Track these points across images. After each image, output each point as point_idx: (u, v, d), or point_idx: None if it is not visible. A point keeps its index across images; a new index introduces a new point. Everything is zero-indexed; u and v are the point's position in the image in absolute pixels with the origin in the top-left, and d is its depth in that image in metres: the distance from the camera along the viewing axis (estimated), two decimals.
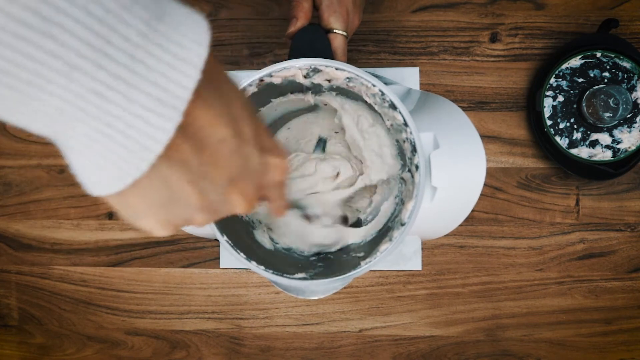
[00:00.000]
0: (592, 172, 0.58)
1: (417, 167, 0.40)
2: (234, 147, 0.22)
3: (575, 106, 0.59)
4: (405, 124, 0.40)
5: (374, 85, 0.40)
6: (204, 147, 0.21)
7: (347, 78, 0.41)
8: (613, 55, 0.57)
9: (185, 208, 0.22)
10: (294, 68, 0.41)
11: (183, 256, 0.66)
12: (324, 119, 0.53)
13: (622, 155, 0.58)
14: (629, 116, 0.58)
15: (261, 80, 0.41)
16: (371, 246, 0.48)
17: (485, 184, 0.60)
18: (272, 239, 0.50)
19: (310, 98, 0.47)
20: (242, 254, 0.41)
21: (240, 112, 0.22)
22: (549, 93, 0.59)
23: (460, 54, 0.63)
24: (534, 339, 0.63)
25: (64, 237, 0.68)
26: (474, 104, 0.62)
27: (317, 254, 0.50)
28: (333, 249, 0.51)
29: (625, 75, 0.58)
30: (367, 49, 0.63)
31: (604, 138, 0.58)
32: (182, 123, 0.19)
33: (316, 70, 0.41)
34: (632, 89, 0.57)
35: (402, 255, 0.63)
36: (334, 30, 0.45)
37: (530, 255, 0.62)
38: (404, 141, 0.42)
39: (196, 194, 0.22)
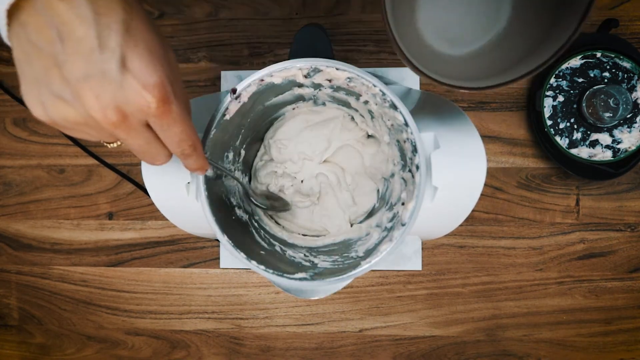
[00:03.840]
0: (592, 172, 0.58)
1: (417, 167, 0.40)
2: (92, 48, 0.24)
3: (575, 106, 0.59)
4: (406, 124, 0.40)
5: (374, 85, 0.40)
6: (65, 38, 0.24)
7: (348, 78, 0.41)
8: (613, 55, 0.57)
9: (49, 89, 0.25)
10: (295, 68, 0.41)
11: (183, 256, 0.66)
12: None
13: (622, 155, 0.58)
14: (629, 116, 0.58)
15: (261, 80, 0.41)
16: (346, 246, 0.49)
17: (485, 184, 0.60)
18: (267, 237, 0.50)
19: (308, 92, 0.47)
20: (242, 253, 0.41)
21: (115, 26, 0.24)
22: (549, 93, 0.59)
23: None
24: (534, 339, 0.63)
25: (64, 237, 0.68)
26: (474, 104, 0.62)
27: (309, 250, 0.50)
28: (320, 243, 0.51)
29: (625, 75, 0.58)
30: (367, 49, 0.63)
31: (604, 138, 0.58)
32: (43, 5, 0.23)
33: (317, 70, 0.41)
34: (632, 89, 0.58)
35: (402, 255, 0.63)
36: None
37: (530, 255, 0.62)
38: (405, 141, 0.42)
39: (57, 76, 0.25)
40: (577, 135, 0.59)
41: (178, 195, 0.43)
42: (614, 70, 0.58)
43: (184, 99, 0.29)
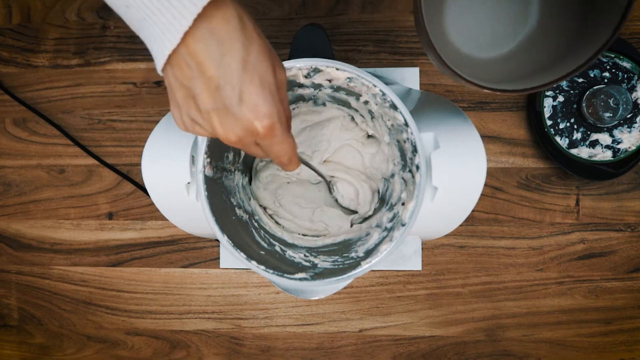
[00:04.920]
0: (592, 172, 0.58)
1: (417, 167, 0.40)
2: (218, 86, 0.30)
3: (575, 106, 0.59)
4: (406, 124, 0.40)
5: (374, 86, 0.40)
6: (201, 75, 0.30)
7: (348, 78, 0.41)
8: (613, 55, 0.57)
9: (188, 114, 0.32)
10: (295, 68, 0.41)
11: (183, 256, 0.66)
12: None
13: (622, 155, 0.58)
14: (629, 116, 0.58)
15: None
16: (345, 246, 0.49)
17: (485, 184, 0.60)
18: (267, 237, 0.50)
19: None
20: (242, 254, 0.41)
21: (236, 65, 0.30)
22: (549, 93, 0.59)
23: None
24: (534, 339, 0.63)
25: (64, 237, 0.68)
26: (474, 104, 0.63)
27: (309, 250, 0.50)
28: (320, 243, 0.51)
29: (625, 75, 0.58)
30: (367, 49, 0.63)
31: (604, 138, 0.58)
32: (186, 50, 0.29)
33: (317, 70, 0.41)
34: (632, 89, 0.58)
35: (402, 255, 0.63)
36: None
37: (530, 255, 0.62)
38: (405, 141, 0.42)
39: (193, 105, 0.31)
40: (577, 135, 0.59)
41: (178, 195, 0.43)
42: (614, 70, 0.58)
43: (287, 113, 0.34)
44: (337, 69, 0.41)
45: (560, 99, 0.59)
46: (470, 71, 0.42)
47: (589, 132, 0.58)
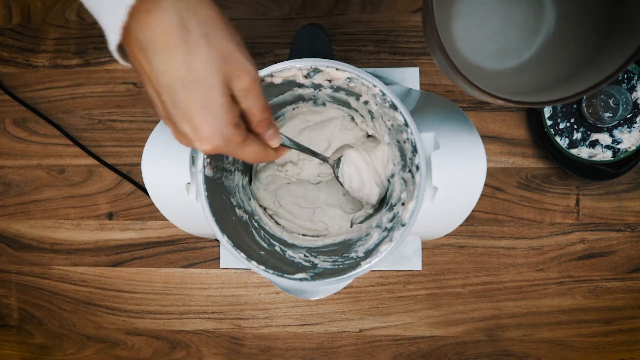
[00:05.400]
0: (592, 172, 0.58)
1: (417, 167, 0.40)
2: (163, 102, 0.29)
3: (575, 106, 0.59)
4: (406, 125, 0.40)
5: (374, 86, 0.40)
6: (150, 85, 0.29)
7: (348, 78, 0.41)
8: None
9: (158, 110, 0.31)
10: (295, 68, 0.41)
11: (183, 256, 0.66)
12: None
13: (622, 155, 0.58)
14: (629, 116, 0.58)
15: (262, 80, 0.41)
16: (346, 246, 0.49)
17: (485, 184, 0.60)
18: (267, 237, 0.50)
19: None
20: (242, 254, 0.41)
21: (176, 83, 0.28)
22: None
23: None
24: (534, 339, 0.63)
25: (64, 237, 0.68)
26: (474, 104, 0.62)
27: (309, 250, 0.50)
28: (320, 243, 0.51)
29: (625, 75, 0.58)
30: (367, 49, 0.63)
31: (604, 138, 0.58)
32: (133, 57, 0.28)
33: (317, 71, 0.41)
34: (632, 89, 0.58)
35: (402, 255, 0.63)
36: None
37: (530, 255, 0.62)
38: (405, 141, 0.42)
39: (155, 106, 0.31)
40: (577, 135, 0.59)
41: (178, 195, 0.43)
42: None
43: (258, 114, 0.32)
44: (337, 69, 0.41)
45: None
46: (481, 80, 0.40)
47: (589, 132, 0.58)
